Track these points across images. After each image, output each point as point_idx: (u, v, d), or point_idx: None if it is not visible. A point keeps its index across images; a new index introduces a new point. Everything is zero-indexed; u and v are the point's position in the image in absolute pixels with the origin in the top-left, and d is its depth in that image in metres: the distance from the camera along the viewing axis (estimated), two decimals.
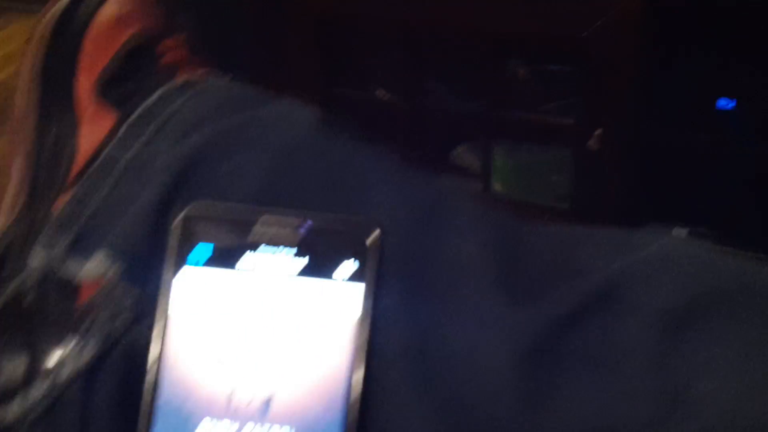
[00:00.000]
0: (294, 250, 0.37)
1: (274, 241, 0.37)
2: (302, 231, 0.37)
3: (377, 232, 0.37)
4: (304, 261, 0.37)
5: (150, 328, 0.36)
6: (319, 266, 0.37)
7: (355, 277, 0.36)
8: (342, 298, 0.36)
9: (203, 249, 0.37)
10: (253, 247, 0.37)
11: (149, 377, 0.35)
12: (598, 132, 1.07)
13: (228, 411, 0.35)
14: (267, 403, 0.35)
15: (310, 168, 0.39)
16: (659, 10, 0.98)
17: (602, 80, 1.02)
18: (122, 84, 0.45)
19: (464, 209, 0.40)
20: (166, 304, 0.36)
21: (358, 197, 0.39)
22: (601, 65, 1.00)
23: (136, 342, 0.36)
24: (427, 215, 0.39)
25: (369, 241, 0.37)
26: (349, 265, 0.37)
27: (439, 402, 0.35)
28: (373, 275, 0.36)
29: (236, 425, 0.35)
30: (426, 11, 1.02)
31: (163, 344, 0.36)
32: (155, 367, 0.36)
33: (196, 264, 0.37)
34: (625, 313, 0.36)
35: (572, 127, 1.09)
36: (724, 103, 1.03)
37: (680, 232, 1.22)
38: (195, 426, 0.35)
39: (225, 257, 0.37)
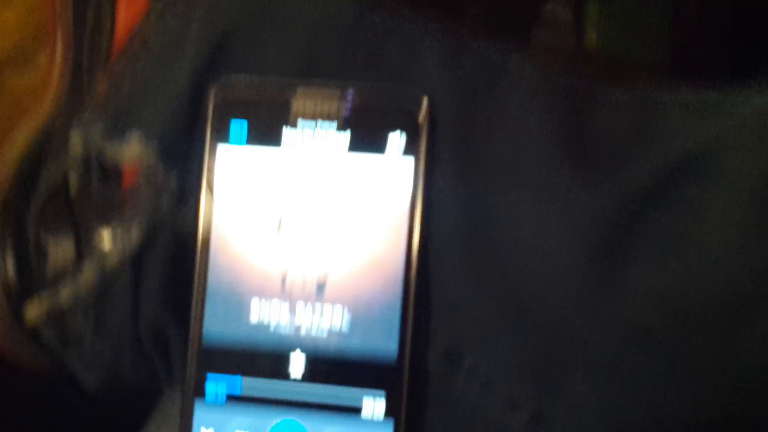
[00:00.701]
0: (335, 124, 0.34)
1: (314, 115, 0.34)
2: (344, 103, 0.34)
3: (425, 101, 0.34)
4: (348, 136, 0.34)
5: (195, 209, 0.35)
6: (365, 140, 0.34)
7: (405, 150, 0.34)
8: (392, 173, 0.34)
9: (239, 126, 0.34)
10: (293, 122, 0.34)
11: (199, 259, 0.34)
12: None
13: (282, 290, 0.34)
14: (322, 283, 0.34)
15: (351, 40, 0.36)
16: None
17: None
18: None
19: (525, 74, 0.35)
20: (209, 184, 0.34)
21: (403, 70, 0.35)
22: None
23: (182, 223, 0.35)
24: (484, 83, 0.35)
25: (417, 111, 0.34)
26: (397, 138, 0.34)
27: (502, 286, 0.33)
28: (424, 148, 0.33)
29: (288, 304, 0.34)
30: None
31: (210, 225, 0.34)
32: (204, 248, 0.34)
33: (235, 142, 0.34)
34: (715, 183, 0.32)
35: None
36: None
37: None
38: (248, 306, 0.34)
39: (263, 134, 0.34)
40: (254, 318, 0.34)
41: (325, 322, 0.33)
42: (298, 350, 0.34)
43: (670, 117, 0.35)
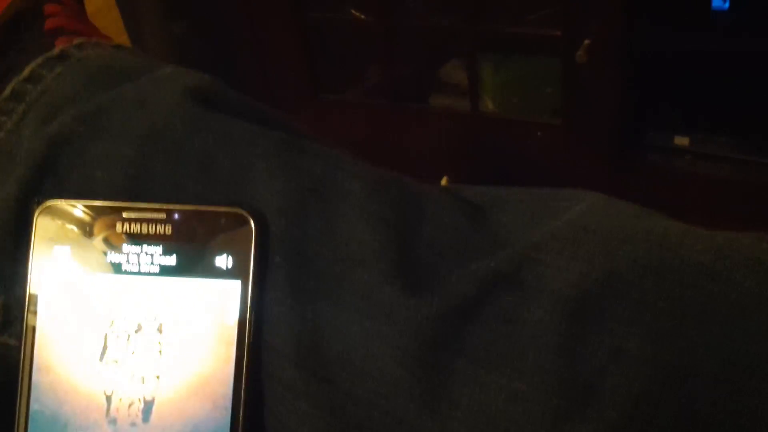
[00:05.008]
0: (161, 247, 0.34)
1: (139, 239, 0.34)
2: (168, 226, 0.34)
3: (253, 224, 0.34)
4: (174, 259, 0.34)
5: (20, 333, 0.34)
6: (192, 263, 0.34)
7: (233, 273, 0.33)
8: (217, 297, 0.33)
9: (63, 252, 0.34)
10: (118, 246, 0.34)
11: (22, 383, 0.33)
12: (586, 42, 1.01)
13: (107, 417, 0.33)
14: (148, 408, 0.33)
15: (179, 153, 0.36)
16: None
17: None
18: None
19: (354, 187, 0.36)
20: (33, 309, 0.34)
21: (234, 182, 0.35)
22: None
23: (6, 347, 0.34)
24: (313, 197, 0.35)
25: (245, 234, 0.34)
26: (224, 261, 0.34)
27: (333, 402, 0.33)
28: (252, 270, 0.33)
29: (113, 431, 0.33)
30: None
31: (34, 349, 0.34)
32: (27, 372, 0.33)
33: (59, 267, 0.34)
34: (531, 297, 0.33)
35: (559, 38, 1.03)
36: (719, 3, 0.96)
37: (682, 140, 1.17)
38: None
39: (88, 259, 0.34)
40: None
41: None
42: None
43: (495, 224, 0.36)
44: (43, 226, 0.34)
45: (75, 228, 0.34)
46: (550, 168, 1.14)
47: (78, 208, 0.34)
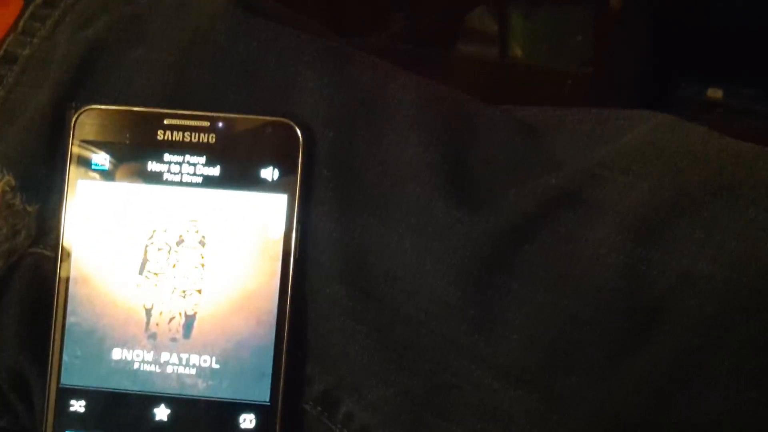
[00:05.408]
0: (204, 157, 0.32)
1: (181, 148, 0.32)
2: (212, 135, 0.32)
3: (300, 134, 0.32)
4: (217, 170, 0.32)
5: (56, 243, 0.33)
6: (236, 176, 0.32)
7: (278, 186, 0.32)
8: (262, 210, 0.32)
9: (101, 159, 0.32)
10: (159, 155, 0.32)
11: (58, 296, 0.32)
12: None
13: (146, 333, 0.32)
14: (190, 322, 0.32)
15: (222, 60, 0.34)
16: None
17: None
18: None
19: (405, 102, 0.34)
20: (70, 220, 0.32)
21: (279, 91, 0.34)
22: None
23: (42, 258, 0.33)
24: (362, 109, 0.33)
25: (291, 145, 0.32)
26: (270, 174, 0.32)
27: (381, 320, 0.32)
28: (298, 184, 0.32)
29: (153, 348, 0.32)
30: None
31: (70, 263, 0.32)
32: (64, 284, 0.32)
33: (97, 176, 0.32)
34: (594, 215, 0.31)
35: None
36: None
37: (715, 91, 1.14)
38: (111, 349, 0.32)
39: (127, 167, 0.32)
40: (117, 362, 0.32)
41: (192, 366, 0.32)
42: (163, 397, 0.32)
43: (553, 144, 0.34)
44: (80, 132, 0.33)
45: (114, 135, 0.32)
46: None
47: (117, 114, 0.33)
